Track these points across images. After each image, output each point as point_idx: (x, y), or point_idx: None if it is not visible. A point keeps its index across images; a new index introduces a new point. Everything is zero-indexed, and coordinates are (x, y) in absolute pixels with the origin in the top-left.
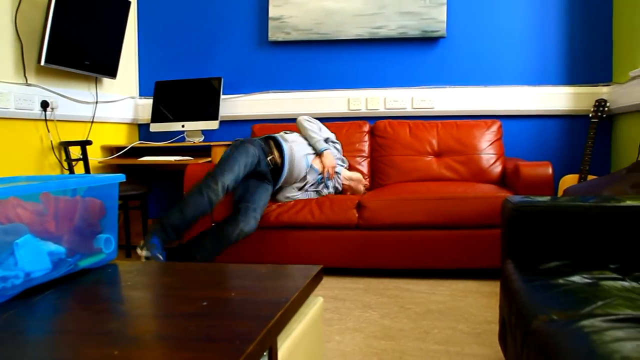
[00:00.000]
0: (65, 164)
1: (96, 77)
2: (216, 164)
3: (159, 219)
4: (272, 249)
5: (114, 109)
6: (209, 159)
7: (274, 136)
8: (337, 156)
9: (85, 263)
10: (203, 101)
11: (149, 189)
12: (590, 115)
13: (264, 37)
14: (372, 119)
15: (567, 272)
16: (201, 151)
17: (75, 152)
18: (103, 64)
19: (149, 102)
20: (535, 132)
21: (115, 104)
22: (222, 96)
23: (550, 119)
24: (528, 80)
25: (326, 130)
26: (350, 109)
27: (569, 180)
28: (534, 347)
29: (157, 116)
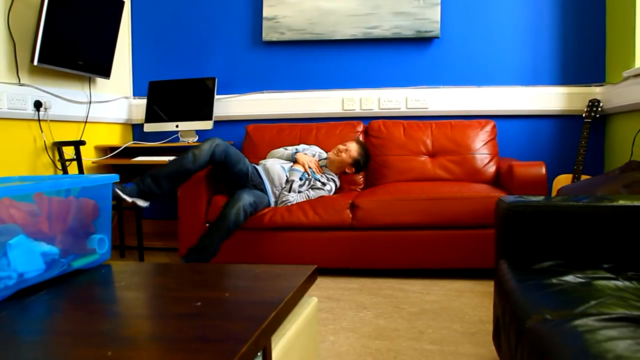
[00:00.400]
0: (59, 164)
1: (90, 77)
2: None
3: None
4: (267, 250)
5: (107, 109)
6: None
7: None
8: (312, 153)
9: (79, 263)
10: (197, 101)
11: None
12: (584, 115)
13: (258, 37)
14: (367, 119)
15: (560, 271)
16: None
17: (69, 152)
18: (97, 64)
19: (143, 102)
20: (529, 132)
21: (109, 104)
22: (216, 96)
23: (543, 119)
24: (522, 80)
25: (291, 147)
26: (345, 109)
27: (563, 180)
28: (528, 347)
29: (151, 116)
